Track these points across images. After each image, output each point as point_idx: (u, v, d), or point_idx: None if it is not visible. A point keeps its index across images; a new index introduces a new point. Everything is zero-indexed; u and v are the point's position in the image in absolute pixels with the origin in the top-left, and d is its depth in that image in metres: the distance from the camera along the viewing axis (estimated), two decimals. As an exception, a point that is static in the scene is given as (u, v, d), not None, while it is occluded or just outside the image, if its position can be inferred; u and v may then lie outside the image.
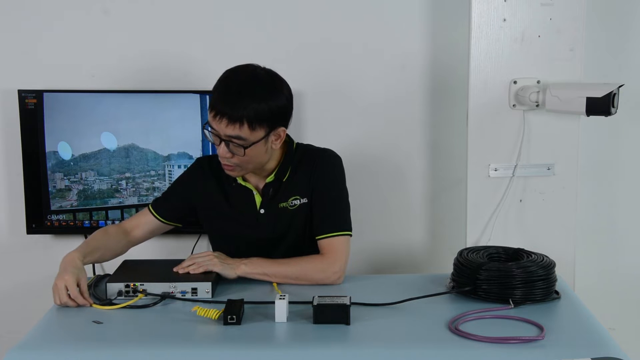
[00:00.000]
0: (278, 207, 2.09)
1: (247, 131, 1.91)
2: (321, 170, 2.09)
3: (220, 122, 1.90)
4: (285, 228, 2.10)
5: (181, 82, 2.56)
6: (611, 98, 2.04)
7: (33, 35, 2.55)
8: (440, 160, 2.65)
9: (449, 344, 1.62)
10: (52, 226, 2.56)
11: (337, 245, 2.04)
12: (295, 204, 2.08)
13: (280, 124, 1.98)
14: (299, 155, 2.11)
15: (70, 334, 1.71)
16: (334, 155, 2.13)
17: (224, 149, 1.94)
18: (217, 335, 1.68)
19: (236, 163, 1.97)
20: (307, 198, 2.08)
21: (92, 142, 2.52)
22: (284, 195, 2.08)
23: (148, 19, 2.56)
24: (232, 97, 1.89)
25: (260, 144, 1.95)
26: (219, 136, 1.93)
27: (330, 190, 2.09)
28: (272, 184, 2.08)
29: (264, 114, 1.91)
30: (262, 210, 2.10)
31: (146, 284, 1.89)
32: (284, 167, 2.08)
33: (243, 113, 1.88)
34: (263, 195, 2.09)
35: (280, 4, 2.55)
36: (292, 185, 2.08)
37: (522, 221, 2.40)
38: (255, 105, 1.89)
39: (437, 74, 2.60)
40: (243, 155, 1.94)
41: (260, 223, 2.10)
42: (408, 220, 2.69)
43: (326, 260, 2.02)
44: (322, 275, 2.01)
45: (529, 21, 2.32)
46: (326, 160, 2.11)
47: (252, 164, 1.99)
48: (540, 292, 1.84)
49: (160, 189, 2.53)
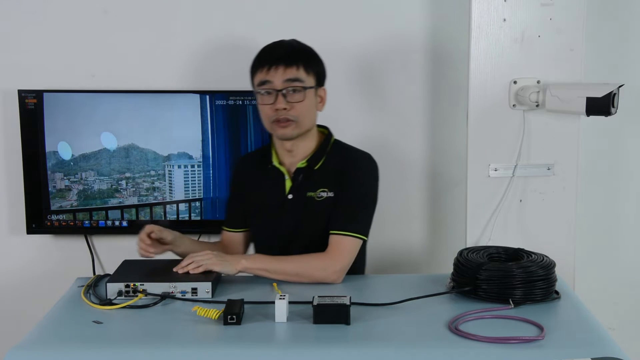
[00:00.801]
0: (305, 195, 2.12)
1: (304, 73, 2.07)
2: (354, 169, 2.13)
3: (276, 71, 2.04)
4: (309, 218, 2.11)
5: (181, 82, 2.56)
6: (611, 98, 2.04)
7: (33, 35, 2.55)
8: (440, 160, 2.65)
9: (449, 344, 1.62)
10: (52, 226, 2.56)
11: (345, 245, 2.05)
12: (322, 195, 2.10)
13: (322, 83, 2.15)
14: (335, 149, 2.17)
15: (70, 334, 1.71)
16: (371, 159, 2.18)
17: (281, 100, 2.04)
18: (217, 335, 1.68)
19: (294, 116, 2.06)
20: (334, 193, 2.10)
21: (92, 142, 2.52)
22: (313, 184, 2.12)
23: (148, 19, 2.56)
24: (283, 49, 2.09)
25: (312, 94, 2.09)
26: (275, 88, 2.04)
27: (357, 190, 2.11)
28: (303, 170, 2.13)
29: (313, 61, 2.11)
30: (290, 195, 2.13)
31: (146, 284, 1.89)
32: (318, 154, 2.14)
33: (298, 56, 2.07)
34: (293, 180, 2.13)
35: (280, 4, 2.55)
36: (322, 176, 2.12)
37: (522, 221, 2.40)
38: (306, 53, 2.11)
39: (437, 73, 2.60)
40: (303, 99, 2.04)
41: (287, 209, 2.13)
42: (408, 220, 2.69)
43: (329, 259, 2.03)
44: (322, 273, 2.01)
45: (529, 21, 2.32)
46: (361, 161, 2.16)
47: (307, 117, 2.09)
48: (540, 292, 1.84)
49: (160, 188, 2.54)
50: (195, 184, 2.53)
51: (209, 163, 2.53)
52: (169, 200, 2.54)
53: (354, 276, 2.09)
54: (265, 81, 2.06)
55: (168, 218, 2.55)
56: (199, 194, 2.54)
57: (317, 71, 2.12)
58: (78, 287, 2.01)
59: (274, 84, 2.05)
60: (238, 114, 2.50)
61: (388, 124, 2.62)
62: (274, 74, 2.05)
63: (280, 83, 2.05)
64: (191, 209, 2.55)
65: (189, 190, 2.54)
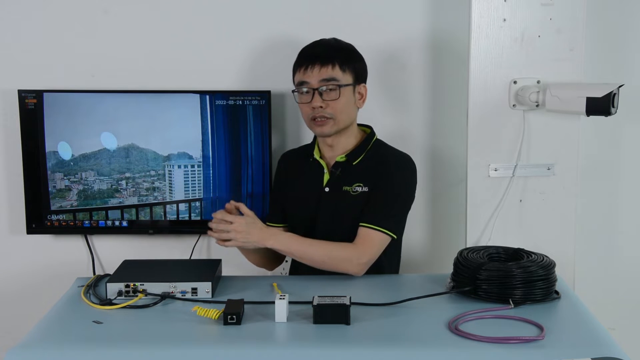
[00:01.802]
0: (342, 189, 2.15)
1: (339, 72, 2.11)
2: (391, 167, 2.16)
3: (312, 70, 2.10)
4: (344, 212, 2.14)
5: (181, 82, 2.56)
6: (611, 98, 2.04)
7: (33, 35, 2.55)
8: (440, 160, 2.65)
9: (449, 344, 1.62)
10: (52, 226, 2.56)
11: (373, 238, 2.07)
12: (357, 190, 2.13)
13: (362, 80, 2.19)
14: (375, 148, 2.21)
15: (70, 334, 1.71)
16: (409, 160, 2.22)
17: (317, 99, 2.10)
18: (217, 335, 1.68)
19: (330, 114, 2.10)
20: (369, 188, 2.13)
21: (92, 142, 2.52)
22: (349, 179, 2.15)
23: (148, 18, 2.56)
24: (321, 48, 2.15)
25: (349, 91, 2.14)
26: (312, 87, 2.10)
27: (392, 187, 2.14)
28: (341, 164, 2.17)
29: (350, 59, 2.15)
30: (327, 188, 2.17)
31: (146, 284, 1.89)
32: (358, 150, 2.18)
33: (334, 55, 2.12)
34: (331, 174, 2.17)
35: (280, 4, 2.55)
36: (360, 171, 2.16)
37: (522, 221, 2.40)
38: (343, 51, 2.15)
39: (437, 73, 2.60)
40: (338, 97, 2.08)
41: (323, 201, 2.16)
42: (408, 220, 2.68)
43: (357, 251, 2.05)
44: (347, 265, 2.04)
45: (529, 21, 2.32)
46: (400, 160, 2.21)
47: (344, 114, 2.12)
48: (540, 292, 1.84)
49: (160, 188, 2.54)
50: (195, 184, 2.53)
51: (209, 163, 2.52)
52: (169, 200, 2.54)
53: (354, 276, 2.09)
54: (303, 81, 2.13)
55: (168, 218, 2.55)
56: (199, 194, 2.54)
57: (355, 68, 2.16)
58: (78, 287, 2.01)
59: (310, 83, 2.12)
60: (238, 114, 2.50)
61: (388, 124, 2.62)
62: (310, 74, 2.11)
63: (316, 82, 2.11)
64: (191, 209, 2.55)
65: (189, 190, 2.54)
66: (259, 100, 2.48)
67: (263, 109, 2.48)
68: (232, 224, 1.99)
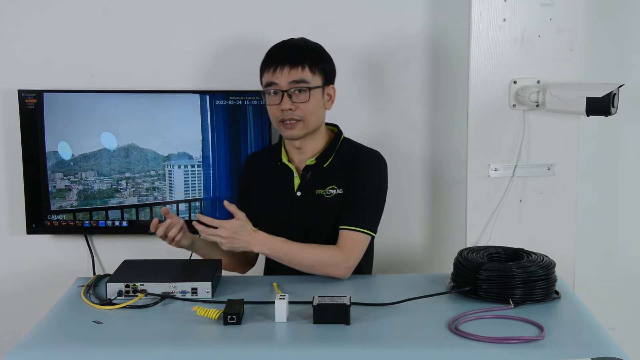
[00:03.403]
0: (315, 193, 2.13)
1: (309, 74, 2.08)
2: (363, 166, 2.14)
3: (281, 72, 2.06)
4: (319, 216, 2.13)
5: (181, 82, 2.56)
6: (611, 98, 2.04)
7: (33, 35, 2.55)
8: (440, 160, 2.65)
9: (449, 344, 1.62)
10: (52, 226, 2.56)
11: (357, 241, 2.07)
12: (331, 193, 2.12)
13: (331, 81, 2.16)
14: (344, 147, 2.19)
15: (70, 334, 1.71)
16: (380, 157, 2.19)
17: (287, 101, 2.07)
18: (217, 335, 1.68)
19: (300, 116, 2.07)
20: (343, 190, 2.12)
21: (92, 142, 2.52)
22: (322, 182, 2.13)
23: (148, 18, 2.56)
24: (290, 48, 2.11)
25: (319, 93, 2.10)
26: (281, 89, 2.06)
27: (366, 186, 2.12)
28: (312, 167, 2.14)
29: (320, 60, 2.12)
30: (299, 192, 2.15)
31: (146, 284, 1.89)
32: (327, 152, 2.16)
33: (303, 57, 2.08)
34: (302, 177, 2.15)
35: (280, 4, 2.55)
36: (331, 173, 2.14)
37: (522, 221, 2.40)
38: (312, 52, 2.11)
39: (437, 73, 2.60)
40: (308, 99, 2.05)
41: (295, 206, 2.14)
42: (408, 220, 2.69)
43: (343, 254, 2.04)
44: (336, 269, 2.03)
45: (529, 21, 2.32)
46: (371, 158, 2.18)
47: (314, 116, 2.10)
48: (540, 292, 1.84)
49: (160, 188, 2.54)
50: (195, 184, 2.53)
51: (209, 163, 2.52)
52: (169, 200, 2.54)
53: (354, 276, 2.09)
54: (271, 82, 2.09)
55: (168, 218, 2.55)
56: (199, 194, 2.54)
57: (324, 70, 2.13)
58: (78, 287, 2.01)
59: (279, 85, 2.08)
60: (238, 114, 2.50)
61: (388, 124, 2.62)
62: (280, 75, 2.07)
63: (285, 84, 2.07)
64: (191, 209, 2.55)
65: (189, 190, 2.54)
66: (259, 100, 2.48)
67: (263, 109, 2.48)
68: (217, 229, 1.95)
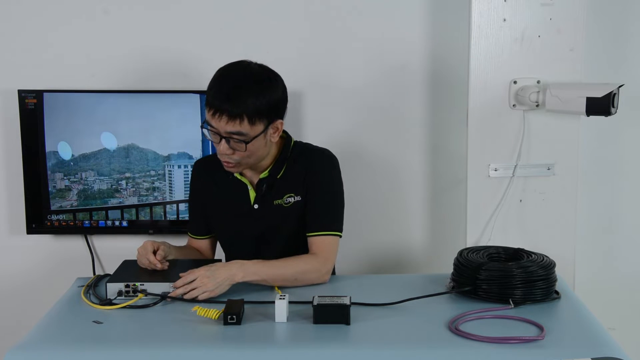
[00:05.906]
0: (273, 204, 2.09)
1: (247, 126, 1.91)
2: (317, 170, 2.09)
3: (220, 120, 1.90)
4: (279, 225, 2.10)
5: (181, 82, 2.56)
6: (611, 98, 2.04)
7: (33, 35, 2.55)
8: (440, 160, 2.65)
9: (449, 344, 1.62)
10: (52, 226, 2.56)
11: (329, 245, 2.05)
12: (289, 201, 2.09)
13: (277, 117, 1.99)
14: (295, 153, 2.11)
15: (70, 334, 1.71)
16: (331, 156, 2.13)
17: (224, 146, 1.94)
18: (217, 335, 1.68)
19: (237, 159, 1.98)
20: (302, 196, 2.08)
21: (92, 142, 2.52)
22: (278, 192, 2.09)
23: (148, 18, 2.56)
24: (229, 93, 1.90)
25: (260, 138, 1.96)
26: (219, 134, 1.93)
27: (326, 189, 2.09)
28: (266, 180, 2.08)
29: (262, 108, 1.92)
30: (256, 205, 2.10)
31: (146, 284, 1.89)
32: (278, 163, 2.08)
33: (242, 109, 1.89)
34: (257, 191, 2.10)
35: (280, 4, 2.55)
36: (286, 182, 2.09)
37: (522, 221, 2.40)
38: (253, 100, 1.90)
39: (437, 74, 2.60)
40: (244, 150, 1.94)
41: (254, 218, 2.10)
42: (408, 220, 2.69)
43: (319, 261, 2.02)
44: (317, 275, 2.01)
45: (529, 21, 2.32)
46: (323, 160, 2.12)
47: (253, 158, 2.00)
48: (540, 292, 1.84)
49: (160, 189, 2.54)
50: (195, 184, 2.53)
51: (209, 163, 2.52)
52: (169, 200, 2.54)
53: (354, 276, 2.09)
54: (210, 124, 1.94)
55: (168, 218, 2.55)
56: (199, 194, 2.53)
57: (267, 112, 1.94)
58: (78, 287, 2.01)
59: (218, 130, 1.93)
60: (238, 114, 2.50)
61: (388, 124, 2.62)
62: (218, 123, 1.91)
63: (223, 132, 1.92)
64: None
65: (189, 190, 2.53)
66: (259, 100, 2.48)
67: (263, 109, 2.48)
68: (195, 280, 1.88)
